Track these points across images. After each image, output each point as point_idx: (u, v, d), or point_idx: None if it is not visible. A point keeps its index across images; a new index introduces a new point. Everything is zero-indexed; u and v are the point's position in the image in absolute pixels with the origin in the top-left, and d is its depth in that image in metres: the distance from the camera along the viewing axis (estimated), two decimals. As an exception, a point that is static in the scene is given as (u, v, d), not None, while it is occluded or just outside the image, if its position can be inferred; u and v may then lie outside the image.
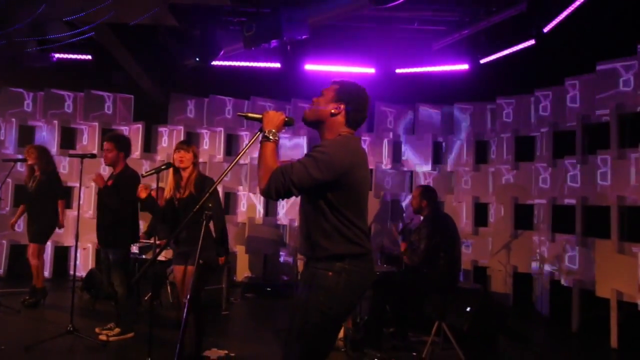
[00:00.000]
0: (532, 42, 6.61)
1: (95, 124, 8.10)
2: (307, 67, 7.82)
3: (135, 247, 6.14)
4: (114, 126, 8.22)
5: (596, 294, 5.69)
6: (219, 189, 5.20)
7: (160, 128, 8.40)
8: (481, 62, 7.43)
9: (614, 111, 5.79)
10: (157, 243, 4.87)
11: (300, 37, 6.23)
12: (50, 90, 8.12)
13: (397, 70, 8.12)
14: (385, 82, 8.12)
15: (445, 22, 7.09)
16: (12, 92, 8.01)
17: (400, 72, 8.13)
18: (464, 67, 7.65)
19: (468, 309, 5.04)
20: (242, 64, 7.96)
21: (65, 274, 7.90)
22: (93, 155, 5.00)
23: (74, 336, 4.71)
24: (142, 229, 6.01)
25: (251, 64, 7.97)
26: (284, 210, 8.16)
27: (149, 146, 8.42)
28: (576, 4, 6.04)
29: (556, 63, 6.92)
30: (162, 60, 7.82)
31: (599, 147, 6.03)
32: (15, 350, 4.49)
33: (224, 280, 6.39)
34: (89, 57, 7.90)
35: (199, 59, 6.96)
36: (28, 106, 8.08)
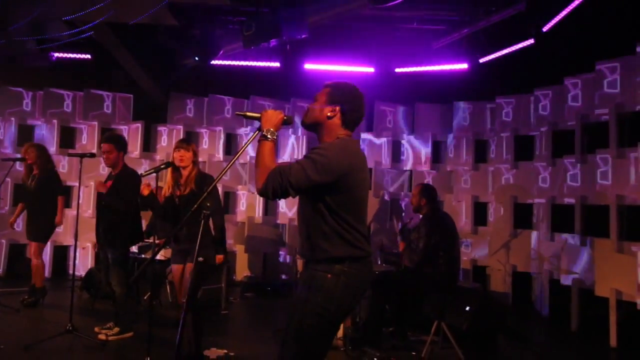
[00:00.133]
0: (531, 41, 6.61)
1: (95, 123, 8.10)
2: (307, 66, 7.82)
3: (135, 246, 6.13)
4: (113, 125, 8.22)
5: (595, 293, 5.69)
6: (218, 189, 5.18)
7: (159, 127, 8.39)
8: (480, 62, 7.44)
9: (613, 110, 5.79)
10: (156, 242, 4.86)
11: (299, 37, 6.23)
12: (49, 89, 8.11)
13: (397, 70, 8.13)
14: (385, 82, 8.12)
15: (445, 21, 7.09)
16: (12, 91, 8.00)
17: (400, 71, 8.13)
18: (464, 66, 7.66)
19: (467, 308, 5.04)
20: (242, 63, 7.96)
21: (65, 273, 7.91)
22: (92, 155, 5.00)
23: (73, 335, 4.70)
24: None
25: (250, 64, 7.98)
26: (284, 209, 8.15)
27: (149, 145, 8.42)
28: (575, 3, 6.05)
29: (555, 62, 6.91)
30: (161, 60, 7.82)
31: (598, 147, 6.03)
32: (15, 349, 4.49)
33: (223, 279, 6.39)
34: (88, 56, 7.90)
35: (199, 59, 6.97)
36: (27, 105, 8.07)
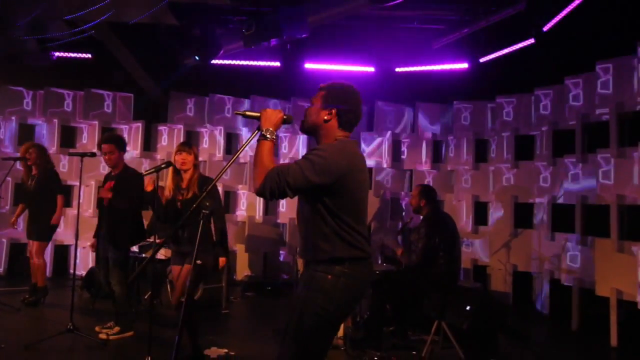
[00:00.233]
0: (531, 41, 6.61)
1: (95, 122, 8.10)
2: (307, 65, 7.82)
3: (135, 246, 6.13)
4: (113, 125, 8.22)
5: (596, 293, 5.70)
6: (219, 188, 5.18)
7: (160, 127, 8.39)
8: (481, 61, 7.44)
9: (614, 110, 5.78)
10: (157, 242, 4.87)
11: (300, 36, 6.23)
12: (50, 88, 8.12)
13: (397, 69, 8.13)
14: (385, 81, 8.13)
15: (445, 21, 7.09)
16: (12, 91, 8.00)
17: (400, 71, 8.14)
18: (464, 66, 7.66)
19: (468, 308, 5.03)
20: (242, 62, 7.96)
21: (65, 272, 7.91)
22: (93, 154, 5.00)
23: (73, 335, 4.70)
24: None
25: (251, 63, 7.98)
26: (284, 209, 8.15)
27: (149, 145, 8.42)
28: (575, 3, 6.05)
29: (556, 62, 6.91)
30: (162, 59, 7.82)
31: (598, 146, 6.03)
32: (15, 348, 4.49)
33: (224, 279, 6.40)
34: (89, 55, 7.90)
35: (199, 58, 6.96)
36: (28, 105, 8.07)
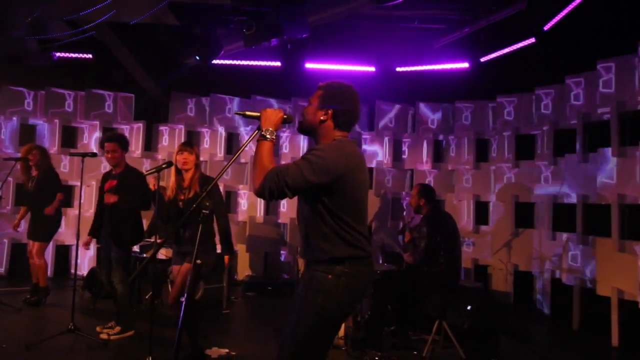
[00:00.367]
0: (532, 40, 6.60)
1: (96, 122, 8.11)
2: (308, 65, 7.82)
3: (136, 246, 6.13)
4: (114, 125, 8.22)
5: (597, 292, 5.69)
6: (220, 189, 5.17)
7: (161, 127, 8.40)
8: (481, 61, 7.43)
9: (615, 109, 5.77)
10: (158, 242, 4.87)
11: (300, 36, 6.23)
12: (50, 89, 8.12)
13: (398, 69, 8.12)
14: (386, 81, 8.12)
15: (446, 20, 7.09)
16: (13, 91, 8.01)
17: (401, 70, 8.13)
18: (465, 65, 7.65)
19: (469, 308, 5.04)
20: (243, 62, 7.96)
21: (66, 272, 7.92)
22: (94, 154, 5.01)
23: (74, 335, 4.71)
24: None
25: (252, 63, 7.97)
26: (285, 209, 8.15)
27: (150, 145, 8.42)
28: (576, 2, 6.04)
29: (557, 61, 6.90)
30: (162, 59, 7.83)
31: (599, 145, 6.02)
32: (16, 348, 4.50)
33: (225, 279, 6.40)
34: (89, 56, 7.90)
35: (200, 58, 6.96)
36: (29, 105, 8.08)
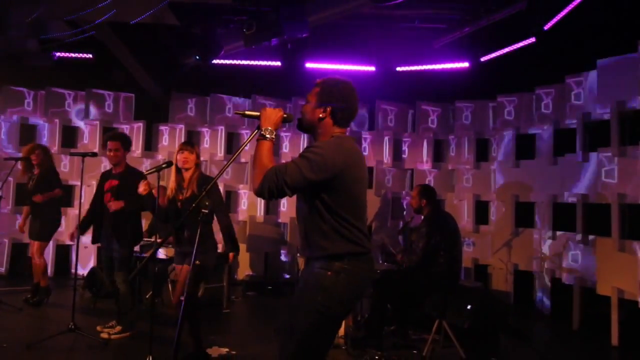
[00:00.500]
0: (532, 40, 6.60)
1: (97, 122, 8.11)
2: (308, 65, 7.82)
3: (137, 245, 6.13)
4: (115, 125, 8.22)
5: (597, 292, 5.69)
6: (220, 189, 5.18)
7: (161, 127, 8.40)
8: (482, 60, 7.43)
9: (615, 109, 5.77)
10: (158, 241, 4.87)
11: (300, 36, 6.23)
12: (51, 88, 8.13)
13: (398, 69, 8.13)
14: (386, 80, 8.13)
15: (446, 20, 7.09)
16: (13, 91, 8.02)
17: (401, 70, 8.13)
18: (465, 65, 7.65)
19: (469, 307, 5.04)
20: (243, 62, 7.96)
21: (67, 272, 7.93)
22: (94, 154, 5.02)
23: (75, 334, 4.71)
24: (143, 227, 6.01)
25: (252, 63, 7.98)
26: (285, 208, 8.16)
27: (150, 145, 8.43)
28: (576, 1, 6.04)
29: (557, 61, 6.90)
30: (162, 59, 7.83)
31: (599, 145, 6.02)
32: (17, 348, 4.50)
33: (225, 278, 6.41)
34: (90, 56, 7.90)
35: (200, 58, 6.97)
36: (29, 105, 8.09)
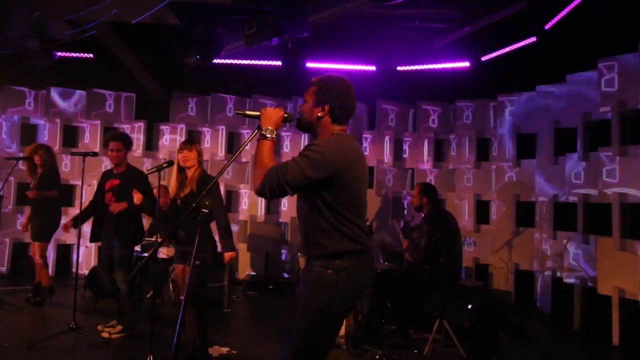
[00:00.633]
0: (533, 39, 6.59)
1: (97, 122, 8.12)
2: (309, 65, 7.82)
3: (137, 245, 6.14)
4: (115, 124, 8.23)
5: (598, 292, 5.69)
6: (220, 189, 5.18)
7: (161, 126, 8.41)
8: (482, 60, 7.42)
9: (616, 108, 5.77)
10: (158, 241, 4.88)
11: (301, 35, 6.23)
12: (51, 88, 8.13)
13: (399, 68, 8.12)
14: (387, 80, 8.12)
15: (447, 19, 7.09)
16: (14, 91, 8.03)
17: (402, 69, 8.13)
18: (465, 64, 7.64)
19: (469, 307, 5.04)
20: (244, 62, 7.96)
21: (68, 271, 7.94)
22: (95, 154, 5.03)
23: (76, 334, 4.72)
24: (145, 226, 6.02)
25: (252, 62, 7.98)
26: (286, 207, 8.16)
27: (151, 144, 8.43)
28: (577, 1, 6.03)
29: (558, 60, 6.90)
30: (163, 59, 7.83)
31: (600, 144, 6.01)
32: (18, 347, 4.51)
33: (226, 277, 6.41)
34: (90, 55, 7.91)
35: (200, 57, 6.97)
36: (30, 104, 8.10)
